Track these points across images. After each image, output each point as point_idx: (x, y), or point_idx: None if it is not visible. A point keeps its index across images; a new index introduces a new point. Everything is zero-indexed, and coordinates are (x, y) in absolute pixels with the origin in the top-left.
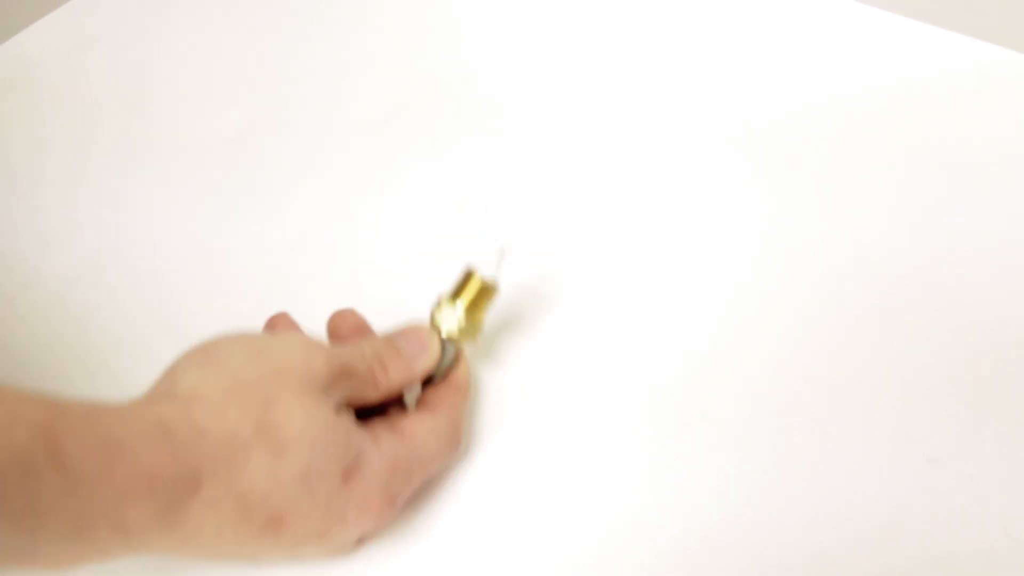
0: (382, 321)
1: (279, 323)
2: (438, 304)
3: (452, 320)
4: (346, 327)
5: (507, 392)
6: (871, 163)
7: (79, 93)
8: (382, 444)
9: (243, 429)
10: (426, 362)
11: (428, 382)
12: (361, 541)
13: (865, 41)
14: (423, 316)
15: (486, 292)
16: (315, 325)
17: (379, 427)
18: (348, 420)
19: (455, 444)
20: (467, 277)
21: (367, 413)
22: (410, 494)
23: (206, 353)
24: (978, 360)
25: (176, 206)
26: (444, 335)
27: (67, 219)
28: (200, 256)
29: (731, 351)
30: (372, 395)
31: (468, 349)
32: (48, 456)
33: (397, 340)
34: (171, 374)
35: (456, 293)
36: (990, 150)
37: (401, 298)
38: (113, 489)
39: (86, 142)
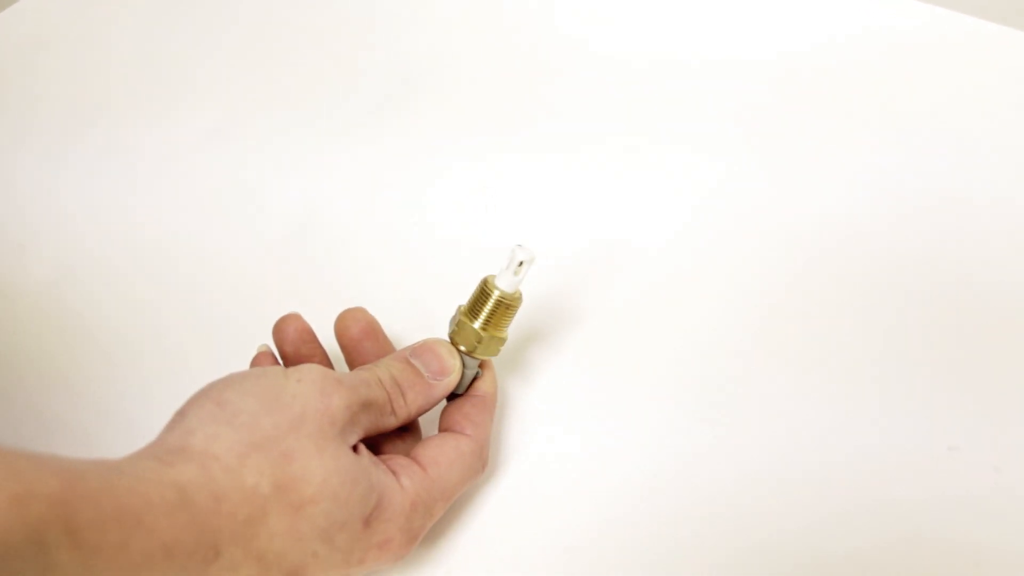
0: (388, 318)
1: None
2: (457, 318)
3: (472, 337)
4: (356, 328)
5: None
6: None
7: (50, 91)
8: (403, 480)
9: (262, 488)
10: (447, 385)
11: (451, 394)
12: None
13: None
14: (430, 311)
15: (508, 304)
16: (313, 318)
17: (400, 459)
18: (367, 460)
19: (480, 468)
20: (485, 289)
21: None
22: (431, 526)
23: (219, 404)
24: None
25: (158, 204)
26: (464, 350)
27: (43, 221)
28: (186, 254)
29: (764, 348)
30: (391, 423)
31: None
32: (63, 531)
33: (416, 360)
34: (183, 424)
35: (474, 306)
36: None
37: (406, 295)
38: (129, 561)
39: (62, 140)
